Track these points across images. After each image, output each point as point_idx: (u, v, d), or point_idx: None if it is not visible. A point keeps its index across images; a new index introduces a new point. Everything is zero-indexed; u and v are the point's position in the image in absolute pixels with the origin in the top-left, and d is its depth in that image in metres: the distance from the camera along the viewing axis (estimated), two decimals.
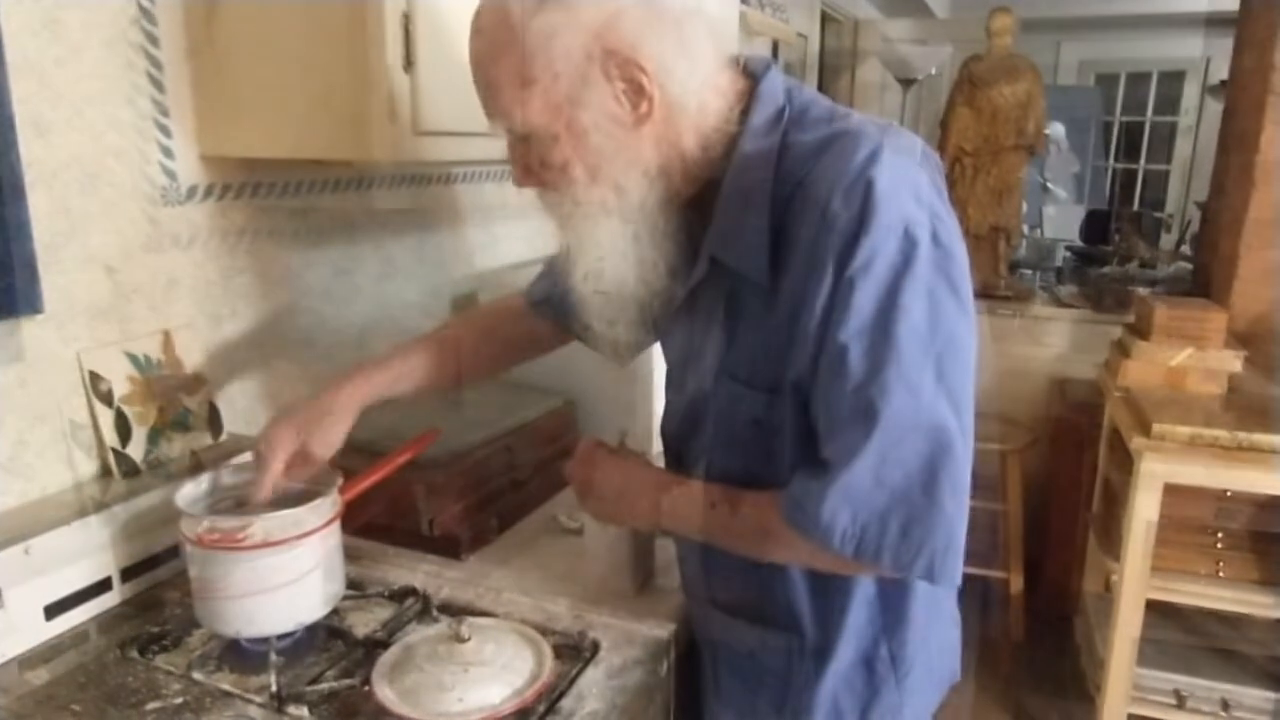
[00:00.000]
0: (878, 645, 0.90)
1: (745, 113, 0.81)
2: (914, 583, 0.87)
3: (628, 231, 0.82)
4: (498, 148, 1.24)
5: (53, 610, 0.96)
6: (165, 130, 1.14)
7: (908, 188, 0.74)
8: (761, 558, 0.87)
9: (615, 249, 0.83)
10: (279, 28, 1.08)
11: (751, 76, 0.83)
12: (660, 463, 1.00)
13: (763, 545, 0.85)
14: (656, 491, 0.91)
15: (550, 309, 1.11)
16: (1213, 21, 5.15)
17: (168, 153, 1.15)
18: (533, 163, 0.82)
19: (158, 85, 1.12)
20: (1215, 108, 4.03)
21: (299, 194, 1.35)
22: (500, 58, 0.78)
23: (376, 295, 1.53)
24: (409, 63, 1.03)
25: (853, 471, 0.74)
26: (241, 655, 0.93)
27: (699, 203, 0.83)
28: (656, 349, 1.06)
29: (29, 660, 0.93)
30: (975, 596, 2.72)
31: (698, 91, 0.79)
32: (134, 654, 0.94)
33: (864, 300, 0.73)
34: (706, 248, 0.83)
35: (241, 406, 1.30)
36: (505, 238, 1.85)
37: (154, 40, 1.11)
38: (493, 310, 1.28)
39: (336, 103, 1.06)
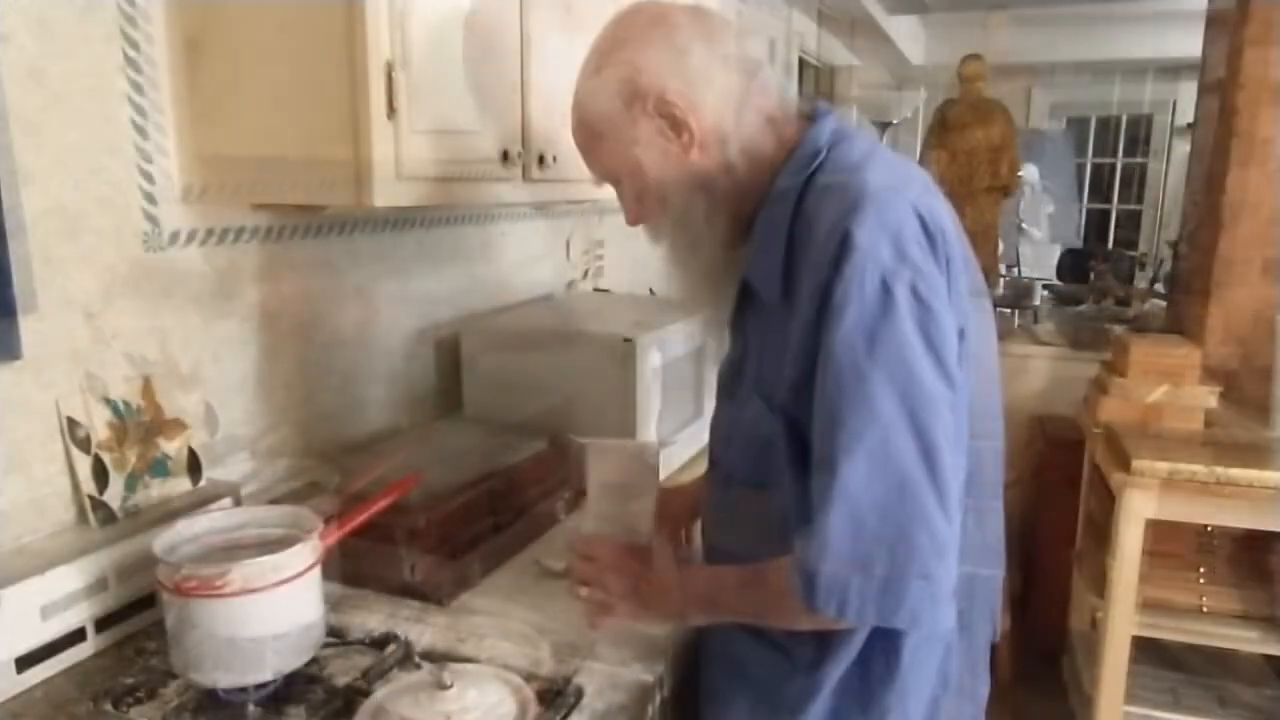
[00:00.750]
0: (850, 684, 0.89)
1: (795, 149, 0.89)
2: (903, 638, 0.87)
3: (697, 246, 0.93)
4: (478, 192, 1.27)
5: (24, 663, 0.94)
6: (149, 177, 1.14)
7: (888, 240, 0.77)
8: (795, 627, 0.87)
9: (689, 262, 0.95)
10: (262, 76, 1.09)
11: (811, 120, 0.92)
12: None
13: (792, 614, 0.83)
14: (686, 590, 0.95)
15: None
16: (1177, 67, 5.31)
17: (150, 199, 1.15)
18: (629, 203, 0.96)
19: (141, 132, 1.13)
20: (1184, 148, 4.13)
21: (281, 239, 1.36)
22: (580, 126, 0.94)
23: (359, 340, 1.53)
24: (392, 110, 1.05)
25: (830, 515, 0.75)
26: (219, 706, 0.92)
27: (746, 232, 0.92)
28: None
29: None
30: None
31: (734, 115, 0.88)
32: (108, 706, 0.92)
33: (839, 345, 0.76)
34: (742, 271, 0.92)
35: (221, 451, 1.29)
36: (486, 280, 1.86)
37: (139, 89, 1.12)
38: None
39: (319, 149, 1.07)
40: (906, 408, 0.75)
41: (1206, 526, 1.98)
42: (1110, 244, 6.30)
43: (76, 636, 0.99)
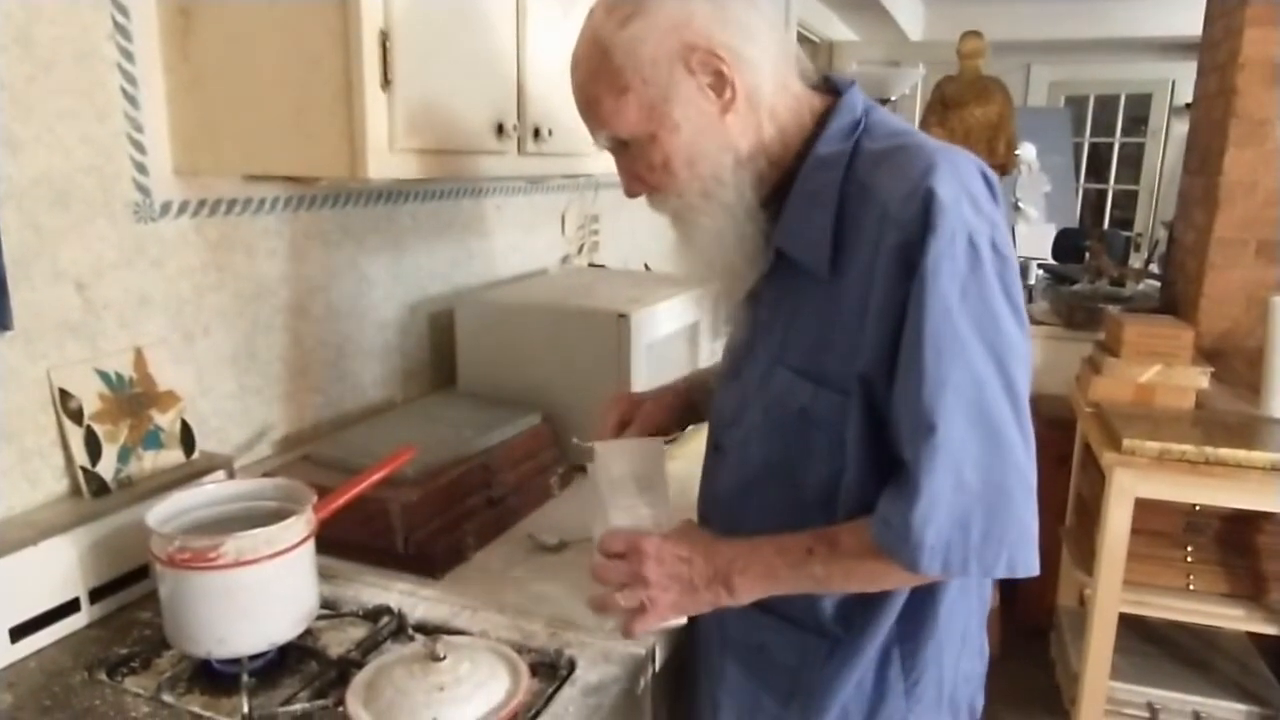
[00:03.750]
0: (891, 649, 0.90)
1: (826, 119, 0.87)
2: (942, 594, 0.88)
3: (729, 214, 0.87)
4: (473, 165, 1.26)
5: (18, 632, 0.95)
6: (139, 146, 1.13)
7: (966, 198, 0.77)
8: (871, 589, 0.86)
9: (720, 232, 0.88)
10: (255, 44, 1.08)
11: (836, 91, 0.90)
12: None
13: (873, 575, 0.83)
14: (739, 564, 0.86)
15: None
16: (1177, 46, 5.28)
17: (141, 169, 1.14)
18: (639, 169, 0.88)
19: (132, 101, 1.12)
20: (1181, 128, 4.12)
21: (274, 211, 1.35)
22: (597, 77, 0.85)
23: (352, 312, 1.52)
24: (386, 81, 1.04)
25: (934, 476, 0.75)
26: (212, 677, 0.92)
27: (771, 200, 0.89)
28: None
29: None
30: None
31: (770, 76, 0.85)
32: (102, 676, 0.92)
33: (934, 304, 0.75)
34: (775, 240, 0.88)
35: (214, 425, 1.29)
36: (480, 254, 1.86)
37: (129, 56, 1.11)
38: None
39: (312, 120, 1.06)
40: (995, 359, 0.76)
41: (1195, 506, 1.99)
42: (1106, 224, 6.29)
43: (70, 607, 1.00)
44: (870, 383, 0.81)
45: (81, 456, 1.07)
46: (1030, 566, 0.78)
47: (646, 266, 2.42)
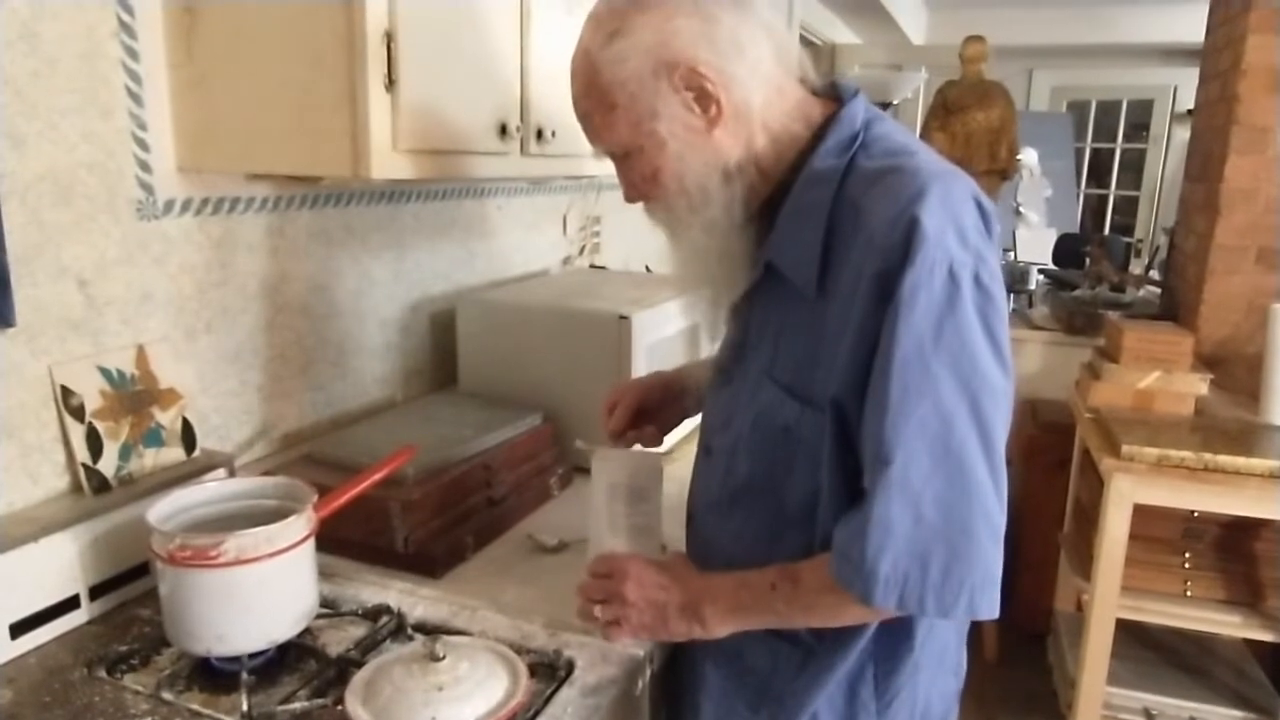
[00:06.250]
0: (865, 668, 0.89)
1: (826, 130, 0.86)
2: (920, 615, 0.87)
3: (715, 230, 0.87)
4: (475, 166, 1.27)
5: (18, 629, 0.95)
6: (143, 144, 1.14)
7: (953, 228, 0.75)
8: (833, 624, 0.86)
9: (705, 247, 0.89)
10: (259, 44, 1.08)
11: (838, 99, 0.88)
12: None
13: (833, 610, 0.83)
14: (709, 597, 0.90)
15: None
16: (1180, 52, 5.28)
17: (145, 166, 1.14)
18: (635, 179, 0.89)
19: (136, 99, 1.12)
20: (1183, 135, 4.12)
21: (276, 209, 1.35)
22: (588, 92, 0.87)
23: (354, 311, 1.53)
24: (390, 81, 1.04)
25: (888, 507, 0.74)
26: (212, 674, 0.92)
27: (764, 212, 0.88)
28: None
29: None
30: None
31: (762, 88, 0.84)
32: (101, 673, 0.92)
33: (905, 335, 0.74)
34: (765, 253, 0.87)
35: (216, 422, 1.29)
36: (482, 255, 1.86)
37: (133, 54, 1.11)
38: None
39: (316, 119, 1.06)
40: (968, 398, 0.74)
41: (1193, 512, 2.00)
42: (1107, 229, 6.30)
43: (70, 604, 1.00)
44: (841, 407, 0.81)
45: (83, 453, 1.07)
46: (992, 610, 0.76)
47: (648, 268, 2.42)
